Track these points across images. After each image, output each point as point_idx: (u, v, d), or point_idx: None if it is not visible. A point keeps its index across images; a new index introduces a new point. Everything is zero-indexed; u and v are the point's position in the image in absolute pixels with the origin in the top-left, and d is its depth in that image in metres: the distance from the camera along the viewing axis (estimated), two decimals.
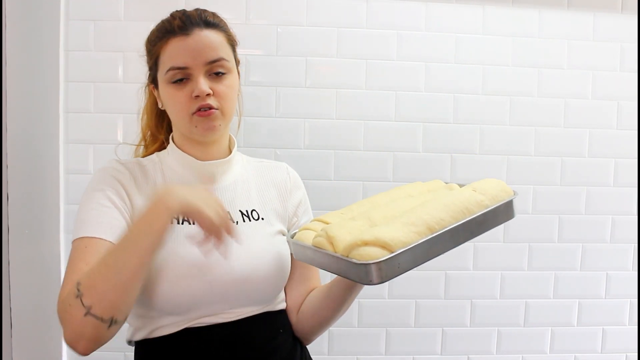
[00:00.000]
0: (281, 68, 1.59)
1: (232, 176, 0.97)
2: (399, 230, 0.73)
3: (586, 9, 1.66)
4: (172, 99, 0.89)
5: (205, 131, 0.89)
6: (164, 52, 0.88)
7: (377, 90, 1.62)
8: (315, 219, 0.90)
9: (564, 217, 1.71)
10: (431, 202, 0.81)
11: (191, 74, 0.87)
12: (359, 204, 0.91)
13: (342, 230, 0.77)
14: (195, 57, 0.87)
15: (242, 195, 0.96)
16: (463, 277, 1.69)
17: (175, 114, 0.91)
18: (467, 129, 1.66)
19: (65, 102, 1.54)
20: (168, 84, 0.88)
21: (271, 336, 0.92)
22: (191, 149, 0.94)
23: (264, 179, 1.02)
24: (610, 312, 1.74)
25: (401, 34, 1.62)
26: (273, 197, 1.00)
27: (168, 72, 0.88)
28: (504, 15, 1.64)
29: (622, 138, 1.71)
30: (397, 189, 0.95)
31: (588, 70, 1.68)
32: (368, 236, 0.71)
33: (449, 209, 0.79)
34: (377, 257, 0.69)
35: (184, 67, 0.87)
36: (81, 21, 1.52)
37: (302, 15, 1.59)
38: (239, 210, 0.94)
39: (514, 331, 1.73)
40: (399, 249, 0.71)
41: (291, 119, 1.61)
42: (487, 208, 0.82)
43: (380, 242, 0.71)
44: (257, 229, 0.93)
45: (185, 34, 0.87)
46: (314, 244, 0.80)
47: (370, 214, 0.83)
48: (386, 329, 1.68)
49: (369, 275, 0.69)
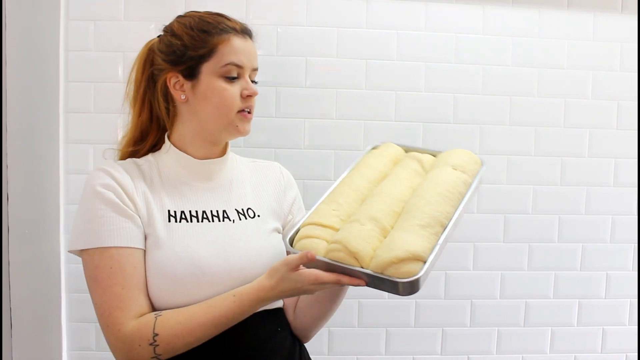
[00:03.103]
0: (281, 68, 1.59)
1: (228, 175, 0.98)
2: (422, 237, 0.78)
3: (586, 9, 1.66)
4: (223, 92, 0.90)
5: (242, 132, 0.94)
6: (225, 46, 0.90)
7: (377, 90, 1.62)
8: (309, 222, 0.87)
9: (564, 217, 1.71)
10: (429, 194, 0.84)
11: (242, 74, 0.92)
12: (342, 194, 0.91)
13: (361, 242, 0.79)
14: (250, 61, 0.93)
15: (238, 194, 0.97)
16: (463, 277, 1.69)
17: (218, 109, 0.90)
18: (467, 129, 1.66)
19: (65, 102, 1.54)
20: (220, 77, 0.90)
21: (270, 334, 0.93)
22: (190, 147, 0.94)
23: (259, 177, 1.03)
24: (610, 312, 1.75)
25: (401, 34, 1.62)
26: (268, 195, 1.01)
27: (226, 65, 0.90)
28: (504, 15, 1.64)
29: (622, 138, 1.71)
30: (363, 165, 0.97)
31: (588, 70, 1.68)
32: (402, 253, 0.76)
33: (449, 199, 0.84)
34: (416, 271, 0.75)
35: (241, 66, 0.91)
36: (81, 21, 1.52)
37: (302, 15, 1.59)
38: (235, 208, 0.95)
39: (514, 331, 1.73)
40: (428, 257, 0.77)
41: (291, 119, 1.61)
42: (470, 186, 0.90)
43: (415, 257, 0.76)
44: (254, 227, 0.94)
45: (245, 38, 0.93)
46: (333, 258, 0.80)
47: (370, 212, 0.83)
48: (386, 329, 1.68)
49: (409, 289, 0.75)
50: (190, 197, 0.92)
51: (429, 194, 0.84)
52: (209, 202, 0.93)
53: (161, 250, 0.85)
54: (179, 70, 0.91)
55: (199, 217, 0.90)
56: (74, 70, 1.54)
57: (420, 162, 0.97)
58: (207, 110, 0.91)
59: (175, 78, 0.91)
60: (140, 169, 0.94)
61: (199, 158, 0.95)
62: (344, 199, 0.89)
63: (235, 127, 0.92)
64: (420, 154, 1.00)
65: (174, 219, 0.89)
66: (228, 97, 0.90)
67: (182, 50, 0.90)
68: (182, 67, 0.90)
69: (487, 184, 1.67)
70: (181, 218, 0.89)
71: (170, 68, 0.91)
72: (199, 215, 0.91)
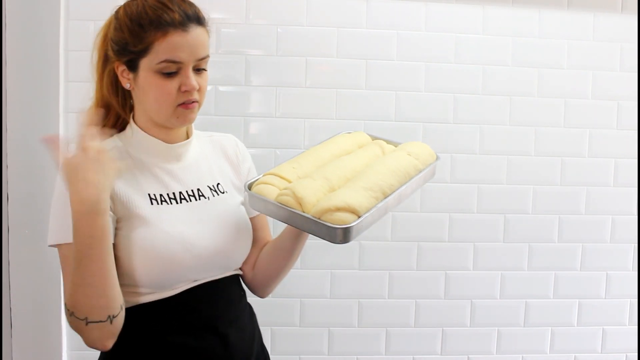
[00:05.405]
0: (281, 68, 1.59)
1: (193, 154, 1.01)
2: (362, 196, 0.86)
3: (586, 9, 1.66)
4: (159, 89, 0.90)
5: (185, 122, 0.94)
6: (161, 43, 0.88)
7: (377, 90, 1.62)
8: (269, 173, 0.95)
9: (564, 217, 1.71)
10: (379, 167, 0.94)
11: (181, 68, 0.90)
12: (305, 158, 1.00)
13: (308, 192, 0.88)
14: (190, 54, 0.90)
15: (206, 171, 1.01)
16: (463, 277, 1.69)
17: (157, 103, 0.91)
18: (467, 129, 1.66)
19: (65, 102, 1.54)
20: (156, 73, 0.89)
21: (237, 297, 1.01)
22: (157, 132, 0.96)
23: (218, 153, 1.06)
24: (610, 312, 1.75)
25: (401, 34, 1.62)
26: (228, 169, 1.05)
27: (161, 63, 0.89)
28: (504, 15, 1.64)
29: (622, 138, 1.71)
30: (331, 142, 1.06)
31: (588, 70, 1.68)
32: (339, 202, 0.84)
33: (396, 174, 0.93)
34: (349, 221, 0.83)
35: (179, 62, 0.89)
36: (81, 21, 1.52)
37: (302, 15, 1.59)
38: (207, 186, 0.99)
39: (514, 331, 1.73)
40: (363, 214, 0.84)
41: (291, 119, 1.61)
42: (420, 172, 0.98)
43: (350, 208, 0.84)
44: (226, 202, 1.00)
45: (185, 30, 0.89)
46: (281, 201, 0.89)
47: (325, 173, 0.93)
48: (386, 329, 1.68)
49: (341, 237, 0.83)
50: (165, 180, 0.95)
51: (379, 167, 0.94)
52: (183, 182, 0.97)
53: (150, 231, 0.89)
54: (123, 61, 0.92)
55: (177, 198, 0.95)
56: (74, 70, 1.54)
57: (382, 148, 1.06)
58: (148, 102, 0.93)
59: (122, 67, 0.93)
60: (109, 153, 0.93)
61: (166, 141, 0.97)
62: (305, 161, 0.99)
63: (176, 119, 0.93)
64: (385, 143, 1.08)
65: (156, 202, 0.92)
66: (164, 93, 0.90)
67: (123, 44, 0.91)
68: (125, 58, 0.92)
69: (487, 184, 1.67)
70: (162, 200, 0.93)
71: (116, 58, 0.93)
72: (176, 197, 0.95)
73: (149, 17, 0.89)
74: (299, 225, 0.88)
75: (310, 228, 0.86)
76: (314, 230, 0.86)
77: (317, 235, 0.86)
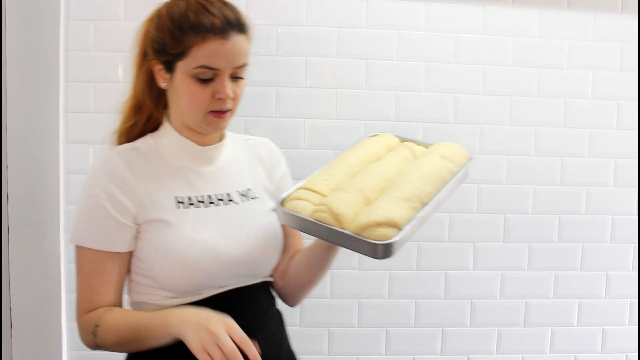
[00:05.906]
0: (281, 68, 1.59)
1: (225, 157, 1.00)
2: (401, 208, 0.84)
3: (586, 9, 1.66)
4: (193, 93, 0.89)
5: (215, 130, 0.93)
6: (199, 49, 0.87)
7: (377, 90, 1.62)
8: (302, 187, 0.93)
9: (564, 217, 1.71)
10: (414, 174, 0.91)
11: (218, 74, 0.89)
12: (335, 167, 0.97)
13: (345, 207, 0.85)
14: (228, 62, 0.88)
15: (237, 175, 1.00)
16: (463, 277, 1.69)
17: (190, 107, 0.91)
18: (467, 129, 1.66)
19: (65, 102, 1.54)
20: (191, 77, 0.88)
21: (268, 304, 1.00)
22: (190, 134, 0.96)
23: (252, 157, 1.05)
24: (610, 312, 1.75)
25: (401, 34, 1.62)
26: (261, 174, 1.04)
27: (197, 68, 0.87)
28: (504, 15, 1.64)
29: (622, 138, 1.71)
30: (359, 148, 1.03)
31: (588, 70, 1.68)
32: (379, 217, 0.81)
33: (432, 180, 0.90)
34: (390, 236, 0.80)
35: (215, 69, 0.88)
36: (81, 21, 1.52)
37: (302, 15, 1.59)
38: (237, 191, 0.98)
39: (514, 331, 1.73)
40: (404, 226, 0.82)
41: (291, 119, 1.61)
42: (455, 175, 0.95)
43: (391, 223, 0.81)
44: (256, 209, 0.98)
45: (224, 38, 0.87)
46: (317, 218, 0.85)
47: (358, 184, 0.90)
48: (386, 329, 1.68)
49: (383, 253, 0.80)
50: (195, 183, 0.94)
51: (413, 174, 0.91)
52: (213, 186, 0.95)
53: (174, 235, 0.88)
54: (160, 61, 0.92)
55: (206, 201, 0.93)
56: (74, 70, 1.54)
57: (412, 150, 1.03)
58: (181, 105, 0.92)
59: (158, 66, 0.92)
60: (140, 153, 0.94)
61: (199, 143, 0.96)
62: (336, 171, 0.96)
63: (207, 125, 0.92)
64: (415, 145, 1.06)
65: (182, 205, 0.91)
66: (198, 98, 0.89)
67: (162, 44, 0.90)
68: (162, 59, 0.91)
69: (487, 184, 1.67)
70: (189, 204, 0.92)
71: (154, 56, 0.92)
72: (205, 200, 0.93)
73: (190, 20, 0.87)
74: (338, 242, 0.86)
75: (349, 244, 0.84)
76: (354, 246, 0.83)
77: (357, 251, 0.83)
